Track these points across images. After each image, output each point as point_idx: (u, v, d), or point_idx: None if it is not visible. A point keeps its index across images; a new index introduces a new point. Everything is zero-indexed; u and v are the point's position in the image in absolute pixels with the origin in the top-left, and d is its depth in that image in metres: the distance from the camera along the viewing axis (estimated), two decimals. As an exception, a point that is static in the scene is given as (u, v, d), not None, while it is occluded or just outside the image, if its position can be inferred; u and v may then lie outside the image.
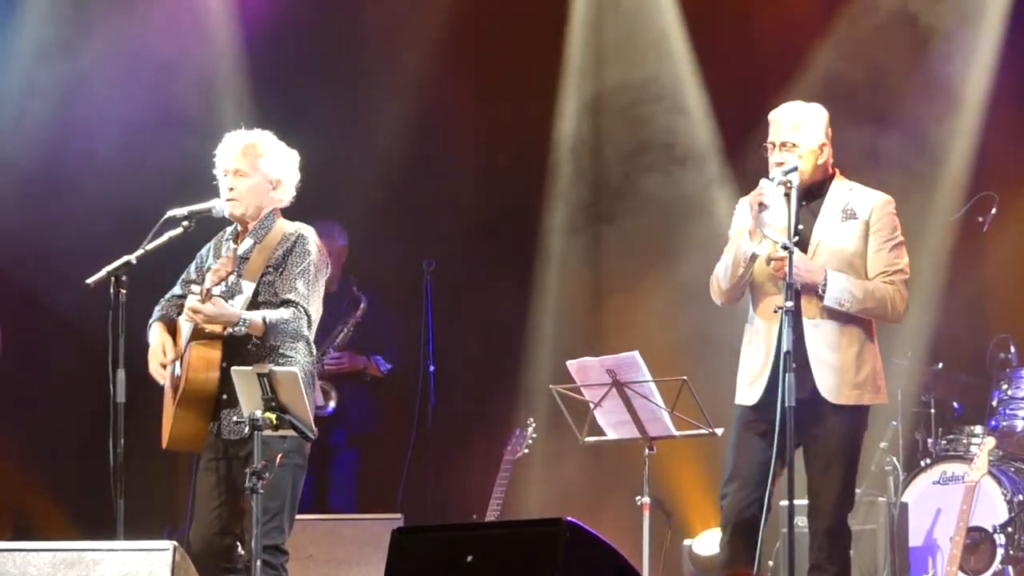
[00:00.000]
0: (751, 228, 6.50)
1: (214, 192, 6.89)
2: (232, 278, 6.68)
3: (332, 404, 9.68)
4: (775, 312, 6.43)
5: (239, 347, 6.67)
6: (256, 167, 6.82)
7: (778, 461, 6.50)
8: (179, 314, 6.87)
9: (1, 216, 9.59)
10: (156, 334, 6.84)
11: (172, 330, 6.88)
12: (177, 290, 6.97)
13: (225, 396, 6.66)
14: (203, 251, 7.00)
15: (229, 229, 6.96)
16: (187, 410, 6.69)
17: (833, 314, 6.55)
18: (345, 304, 9.79)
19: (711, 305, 6.94)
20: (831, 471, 6.57)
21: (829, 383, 6.51)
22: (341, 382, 9.76)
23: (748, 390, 6.67)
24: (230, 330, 6.63)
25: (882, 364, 6.73)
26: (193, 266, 6.99)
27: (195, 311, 6.56)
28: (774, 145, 6.62)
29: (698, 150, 10.43)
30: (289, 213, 6.98)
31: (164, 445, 6.82)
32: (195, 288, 6.72)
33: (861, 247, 6.64)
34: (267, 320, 6.64)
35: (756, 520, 6.54)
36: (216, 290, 6.58)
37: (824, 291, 6.50)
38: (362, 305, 9.76)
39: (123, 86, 9.84)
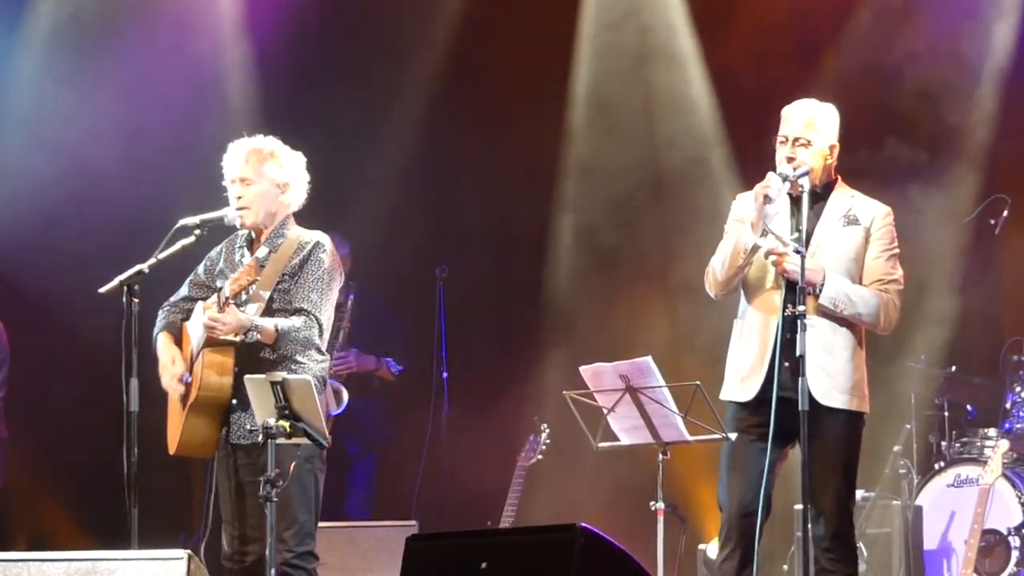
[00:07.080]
0: (753, 220, 6.47)
1: (225, 201, 6.88)
2: (252, 287, 6.68)
3: (342, 406, 9.61)
4: (786, 315, 6.41)
5: (252, 354, 6.67)
6: (261, 173, 6.80)
7: (778, 463, 6.51)
8: (185, 319, 6.88)
9: (13, 227, 9.60)
10: (163, 347, 6.83)
11: (178, 339, 6.87)
12: (184, 291, 6.95)
13: (235, 401, 6.67)
14: (213, 253, 6.97)
15: (242, 234, 6.93)
16: (198, 416, 6.69)
17: (827, 316, 6.54)
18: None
19: (723, 310, 6.92)
20: (831, 473, 6.54)
21: (821, 385, 6.49)
22: (353, 388, 9.73)
23: (740, 386, 6.62)
24: (241, 337, 6.63)
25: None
26: (202, 268, 6.96)
27: (215, 321, 6.56)
28: (787, 139, 6.61)
29: (708, 160, 10.43)
30: (303, 219, 6.98)
31: (172, 451, 6.82)
32: (213, 296, 6.70)
33: (860, 253, 6.63)
34: (279, 328, 6.64)
35: (755, 526, 6.51)
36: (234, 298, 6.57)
37: (821, 290, 6.49)
38: (350, 297, 9.63)
39: (136, 97, 9.85)
